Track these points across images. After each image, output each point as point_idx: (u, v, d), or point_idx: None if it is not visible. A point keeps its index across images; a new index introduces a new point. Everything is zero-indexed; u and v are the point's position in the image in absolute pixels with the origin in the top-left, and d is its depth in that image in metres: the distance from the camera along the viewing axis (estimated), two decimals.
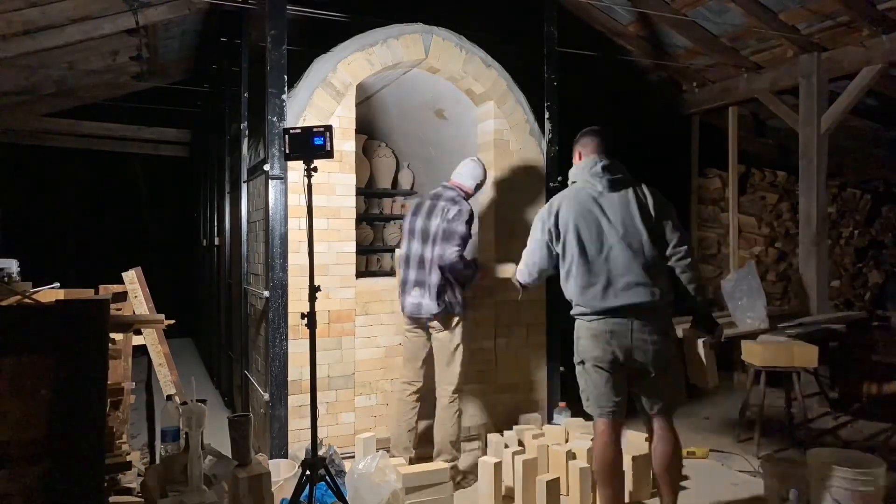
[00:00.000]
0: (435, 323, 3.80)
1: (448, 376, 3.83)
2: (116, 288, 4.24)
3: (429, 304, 3.75)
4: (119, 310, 4.18)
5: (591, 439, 3.34)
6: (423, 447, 4.06)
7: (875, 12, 5.17)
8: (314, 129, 3.06)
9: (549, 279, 3.56)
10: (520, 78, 4.78)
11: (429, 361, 3.97)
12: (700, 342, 3.07)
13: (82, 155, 10.19)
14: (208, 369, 7.45)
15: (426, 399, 4.01)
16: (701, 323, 3.11)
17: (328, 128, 3.06)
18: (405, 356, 4.03)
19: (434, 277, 3.74)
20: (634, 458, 3.70)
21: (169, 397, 3.18)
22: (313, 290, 3.07)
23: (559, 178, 4.81)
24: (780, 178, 7.54)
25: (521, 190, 4.74)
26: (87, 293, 3.73)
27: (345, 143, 4.20)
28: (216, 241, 7.21)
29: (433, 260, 3.76)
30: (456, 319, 3.81)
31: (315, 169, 3.05)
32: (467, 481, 3.90)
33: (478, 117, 4.87)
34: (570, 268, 2.99)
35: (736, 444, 4.85)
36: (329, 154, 3.05)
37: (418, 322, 3.89)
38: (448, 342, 3.81)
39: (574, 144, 3.26)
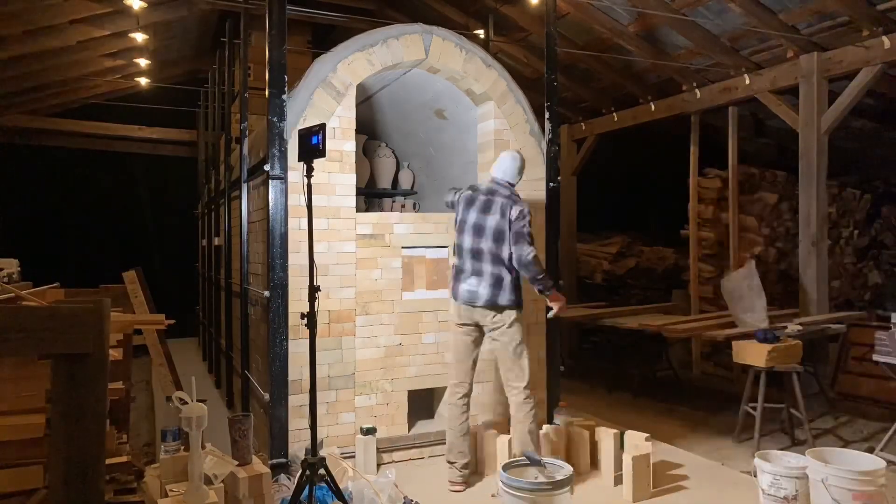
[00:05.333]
0: (490, 317, 3.78)
1: (517, 373, 3.82)
2: (116, 288, 4.24)
3: (484, 293, 3.77)
4: (119, 310, 4.19)
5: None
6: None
7: (875, 12, 5.17)
8: (312, 130, 3.08)
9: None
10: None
11: (475, 362, 3.96)
12: None
13: (82, 155, 10.20)
14: (208, 369, 7.45)
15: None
16: None
17: (322, 126, 3.07)
18: (455, 357, 3.93)
19: (489, 268, 3.78)
20: (635, 459, 3.70)
21: (169, 397, 3.17)
22: (313, 290, 3.07)
23: (559, 178, 4.81)
24: (780, 178, 7.54)
25: (520, 190, 4.73)
26: (88, 293, 3.73)
27: (345, 143, 4.20)
28: (216, 241, 7.21)
29: (488, 252, 3.79)
30: (514, 315, 3.81)
31: (312, 168, 3.07)
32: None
33: (478, 117, 4.87)
34: None
35: (736, 443, 4.85)
36: (321, 153, 3.07)
37: (470, 317, 3.84)
38: (510, 341, 3.80)
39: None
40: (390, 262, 4.35)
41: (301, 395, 3.89)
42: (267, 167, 3.90)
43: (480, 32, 6.73)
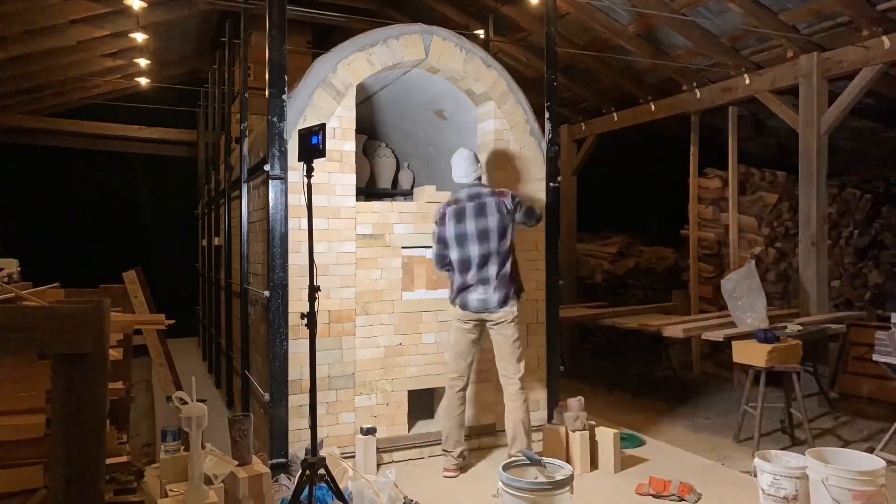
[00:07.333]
0: (498, 315, 3.96)
1: (518, 367, 4.03)
2: (116, 288, 4.24)
3: (495, 297, 3.94)
4: (119, 310, 4.19)
5: None
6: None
7: (875, 12, 5.17)
8: (312, 130, 3.08)
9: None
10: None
11: (474, 359, 4.17)
12: None
13: (82, 155, 10.20)
14: (208, 369, 7.45)
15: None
16: None
17: (322, 126, 3.07)
18: (457, 352, 4.11)
19: (494, 270, 3.95)
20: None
21: (169, 397, 3.17)
22: (313, 290, 3.07)
23: (559, 178, 4.81)
24: (780, 178, 7.53)
25: (520, 190, 4.74)
26: (88, 293, 3.73)
27: (345, 143, 4.20)
28: (216, 241, 7.21)
29: (495, 254, 3.95)
30: (516, 311, 4.01)
31: (312, 168, 3.07)
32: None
33: (478, 117, 4.87)
34: None
35: (736, 443, 4.85)
36: (322, 153, 3.07)
37: (478, 318, 4.01)
38: (512, 334, 4.01)
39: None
40: (390, 262, 4.35)
41: (301, 395, 3.89)
42: (267, 167, 3.90)
43: (480, 32, 6.73)
